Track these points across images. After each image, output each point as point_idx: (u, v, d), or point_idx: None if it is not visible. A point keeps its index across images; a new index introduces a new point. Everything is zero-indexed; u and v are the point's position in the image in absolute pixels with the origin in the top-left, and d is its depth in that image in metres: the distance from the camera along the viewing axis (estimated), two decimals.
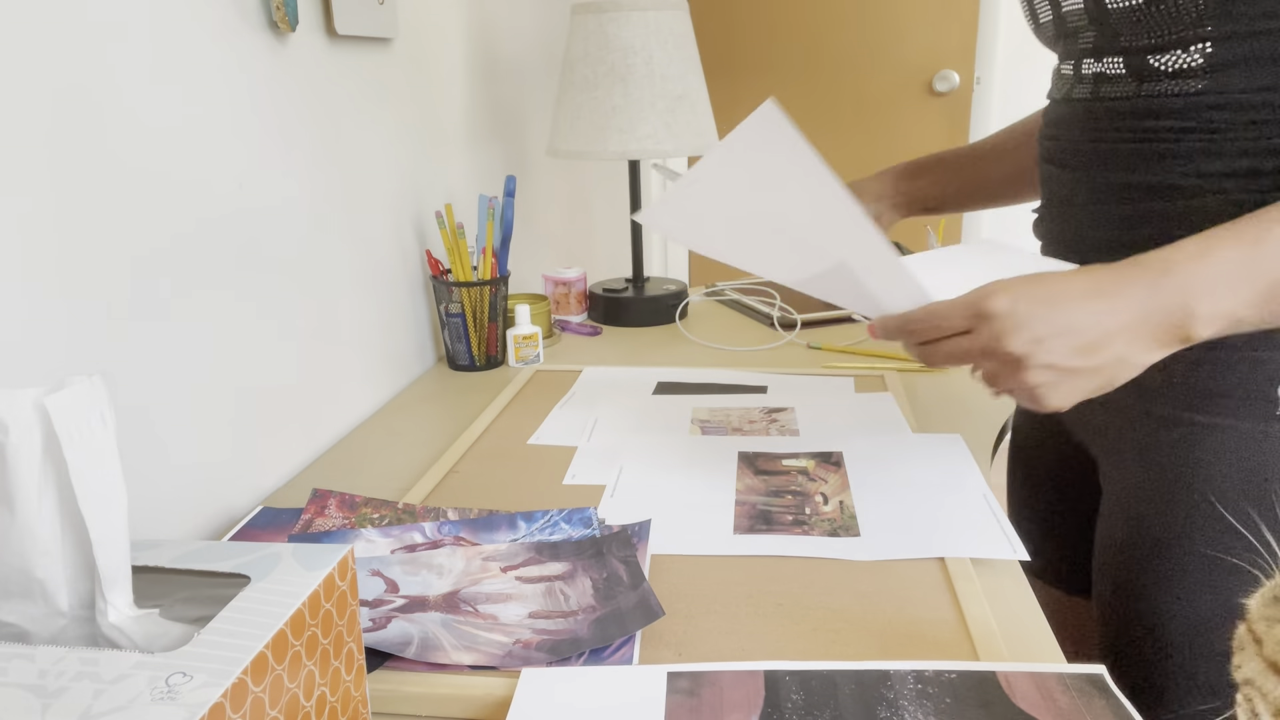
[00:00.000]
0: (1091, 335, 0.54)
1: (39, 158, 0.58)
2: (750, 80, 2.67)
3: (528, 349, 1.15)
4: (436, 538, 0.70)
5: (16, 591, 0.41)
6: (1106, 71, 0.64)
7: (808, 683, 0.51)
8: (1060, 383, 0.56)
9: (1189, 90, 0.59)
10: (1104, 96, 0.65)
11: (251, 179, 0.80)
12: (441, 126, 1.22)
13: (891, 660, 0.54)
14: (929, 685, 0.51)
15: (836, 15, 2.58)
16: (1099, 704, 0.49)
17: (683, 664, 0.54)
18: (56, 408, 0.39)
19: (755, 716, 0.49)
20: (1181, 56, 0.59)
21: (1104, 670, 0.52)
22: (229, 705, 0.36)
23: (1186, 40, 0.58)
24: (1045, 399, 0.57)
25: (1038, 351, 0.55)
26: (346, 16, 0.92)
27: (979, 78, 2.54)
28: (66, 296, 0.60)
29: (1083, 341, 0.54)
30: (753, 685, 0.51)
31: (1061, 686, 0.51)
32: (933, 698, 0.50)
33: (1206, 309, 0.53)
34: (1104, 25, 0.62)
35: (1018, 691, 0.50)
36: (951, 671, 0.52)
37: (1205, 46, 0.57)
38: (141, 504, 0.68)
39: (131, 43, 0.65)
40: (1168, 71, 0.60)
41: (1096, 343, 0.54)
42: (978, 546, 0.67)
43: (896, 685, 0.51)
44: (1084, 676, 0.52)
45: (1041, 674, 0.52)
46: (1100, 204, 0.66)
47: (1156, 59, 0.60)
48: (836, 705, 0.49)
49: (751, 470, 0.82)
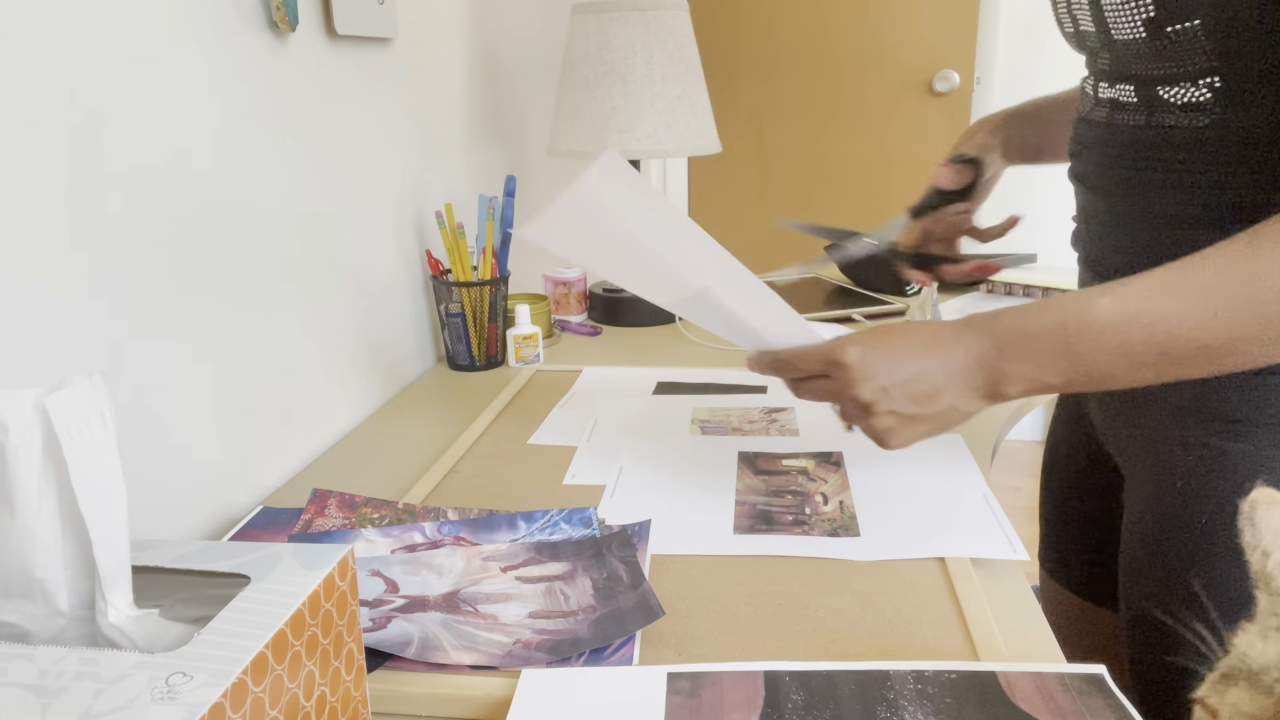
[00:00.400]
0: (927, 386, 0.60)
1: (39, 158, 0.58)
2: (750, 80, 2.67)
3: (528, 349, 1.15)
4: (436, 538, 0.70)
5: (16, 591, 0.41)
6: (1119, 98, 0.64)
7: (808, 683, 0.51)
8: (902, 428, 0.62)
9: (1198, 124, 0.58)
10: (1117, 123, 0.65)
11: (251, 179, 0.80)
12: (441, 126, 1.22)
13: (891, 660, 0.54)
14: (929, 685, 0.51)
15: (836, 15, 2.58)
16: (1099, 703, 0.49)
17: (683, 664, 0.54)
18: (56, 408, 0.39)
19: (755, 717, 0.49)
20: (1190, 90, 0.58)
21: (1103, 670, 0.52)
22: (229, 705, 0.36)
23: (1194, 74, 0.57)
24: (888, 440, 0.63)
25: (883, 399, 0.61)
26: (346, 16, 0.92)
27: (979, 78, 2.54)
28: (66, 297, 0.60)
29: (920, 391, 0.61)
30: (753, 685, 0.51)
31: (1061, 686, 0.51)
32: (933, 698, 0.50)
33: (1015, 371, 0.59)
34: (1114, 53, 0.62)
35: (1017, 692, 0.50)
36: (951, 672, 0.52)
37: (1214, 81, 0.57)
38: (141, 504, 0.68)
39: (130, 43, 0.65)
40: (1177, 104, 0.59)
41: (931, 393, 0.61)
42: (978, 546, 0.67)
43: (896, 686, 0.51)
44: (1083, 676, 0.52)
45: (1041, 674, 0.52)
46: (1116, 228, 0.66)
47: (1166, 90, 0.60)
48: (836, 706, 0.49)
49: (751, 470, 0.82)
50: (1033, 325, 0.58)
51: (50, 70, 0.58)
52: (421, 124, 1.15)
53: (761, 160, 2.72)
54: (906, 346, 0.62)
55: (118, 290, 0.65)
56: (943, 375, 0.60)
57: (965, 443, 0.86)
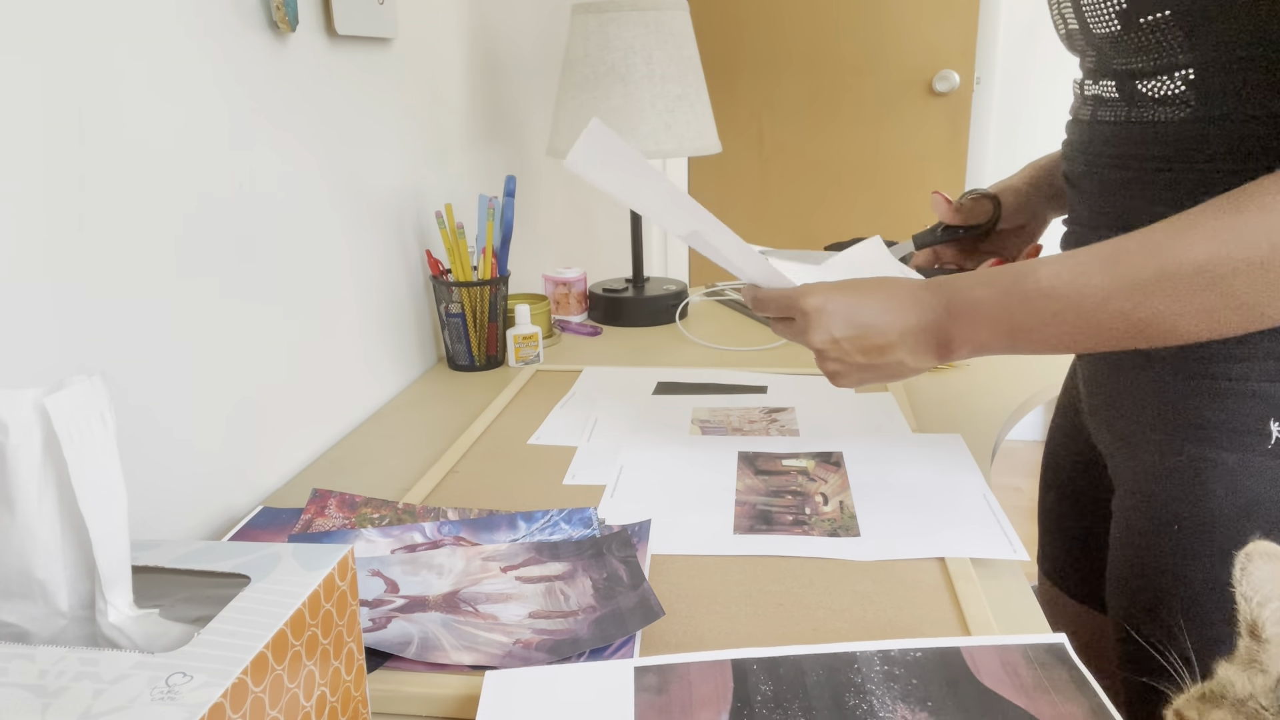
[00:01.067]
0: (878, 340, 0.66)
1: (39, 158, 0.58)
2: (750, 80, 2.67)
3: (528, 349, 1.15)
4: (436, 538, 0.70)
5: (16, 591, 0.41)
6: (1103, 95, 0.64)
7: (776, 670, 0.51)
8: (849, 373, 0.69)
9: (1174, 118, 0.59)
10: (1100, 120, 0.65)
11: (252, 179, 0.80)
12: (441, 126, 1.22)
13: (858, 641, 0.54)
14: (895, 666, 0.51)
15: (836, 15, 2.58)
16: (1061, 675, 0.50)
17: (648, 657, 0.53)
18: (56, 408, 0.39)
19: (725, 712, 0.48)
20: (1166, 83, 0.59)
21: (1064, 639, 0.53)
22: (229, 705, 0.36)
23: (1168, 67, 0.58)
24: (835, 381, 0.70)
25: (832, 348, 0.67)
26: (346, 16, 0.92)
27: (979, 78, 2.54)
28: (67, 297, 0.61)
29: (870, 344, 0.66)
30: (721, 676, 0.51)
31: (1025, 659, 0.51)
32: (899, 679, 0.50)
33: (961, 335, 0.63)
34: (1096, 48, 0.62)
35: (982, 668, 0.51)
36: (917, 650, 0.52)
37: (1188, 73, 0.57)
38: (141, 504, 0.68)
39: (130, 43, 0.65)
40: (1154, 98, 0.60)
41: (881, 347, 0.66)
42: (978, 546, 0.67)
43: (864, 669, 0.51)
44: (1045, 647, 0.52)
45: (1005, 646, 0.52)
46: (1098, 230, 0.66)
47: (1144, 84, 0.60)
48: (805, 695, 0.49)
49: (751, 470, 0.82)
50: (980, 292, 0.62)
51: (50, 70, 0.58)
52: (421, 124, 1.15)
53: (761, 160, 2.72)
54: (863, 301, 0.66)
55: (118, 290, 0.65)
56: (895, 333, 0.65)
57: (965, 443, 0.86)
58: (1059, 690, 0.49)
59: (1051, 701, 0.48)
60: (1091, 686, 0.49)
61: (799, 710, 0.48)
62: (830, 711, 0.48)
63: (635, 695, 0.50)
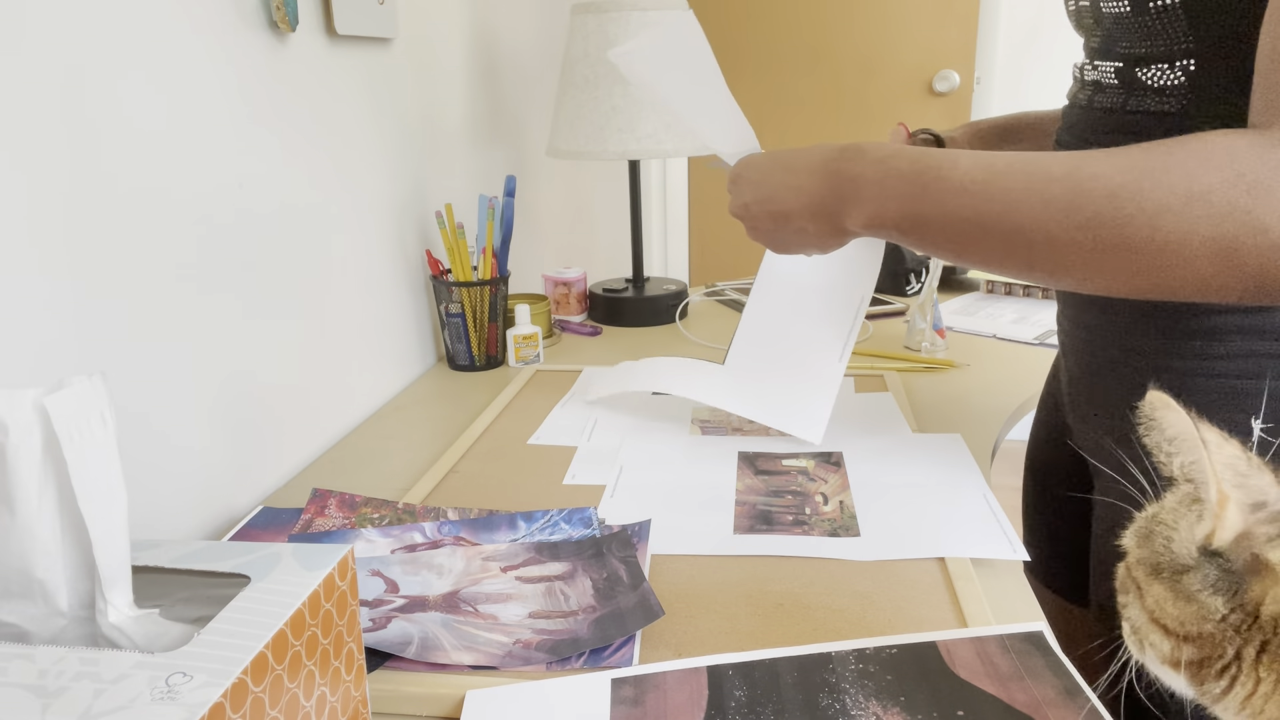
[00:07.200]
0: (781, 207, 0.69)
1: (39, 159, 0.58)
2: (750, 80, 2.67)
3: (528, 349, 1.15)
4: (436, 538, 0.70)
5: (16, 591, 0.41)
6: (1101, 79, 0.64)
7: (750, 675, 0.51)
8: (758, 234, 0.72)
9: (1169, 109, 0.59)
10: (1097, 105, 0.65)
11: (251, 179, 0.80)
12: (441, 126, 1.22)
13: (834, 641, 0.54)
14: (869, 664, 0.51)
15: (836, 15, 2.58)
16: (1039, 663, 0.50)
17: (624, 669, 0.54)
18: (56, 408, 0.39)
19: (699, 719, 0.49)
20: (1166, 72, 0.59)
21: (1042, 627, 0.52)
22: (229, 705, 0.36)
23: (1171, 55, 0.58)
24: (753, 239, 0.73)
25: (743, 213, 0.72)
26: (346, 16, 0.92)
27: (979, 78, 2.54)
28: (66, 297, 0.60)
29: (774, 210, 0.69)
30: (696, 684, 0.51)
31: (1001, 649, 0.51)
32: (873, 676, 0.50)
33: (855, 211, 0.63)
34: (1104, 28, 0.62)
35: (958, 660, 0.50)
36: (893, 646, 0.52)
37: (1189, 64, 0.57)
38: (141, 504, 0.68)
39: (130, 43, 0.65)
40: (1152, 86, 0.60)
41: (784, 214, 0.69)
42: (978, 546, 0.67)
43: (838, 668, 0.51)
44: (1022, 636, 0.52)
45: (982, 638, 0.52)
46: None
47: (1143, 71, 0.60)
48: (779, 697, 0.49)
49: (751, 470, 0.82)
50: (900, 163, 0.61)
51: (50, 70, 0.58)
52: (422, 124, 1.15)
53: None
54: (774, 170, 0.69)
55: (118, 290, 0.65)
56: (795, 202, 0.67)
57: (965, 443, 0.86)
58: (1034, 676, 0.49)
59: (1025, 687, 0.48)
60: (1066, 669, 0.49)
61: (771, 713, 0.48)
62: (802, 712, 0.48)
63: (611, 709, 0.50)
